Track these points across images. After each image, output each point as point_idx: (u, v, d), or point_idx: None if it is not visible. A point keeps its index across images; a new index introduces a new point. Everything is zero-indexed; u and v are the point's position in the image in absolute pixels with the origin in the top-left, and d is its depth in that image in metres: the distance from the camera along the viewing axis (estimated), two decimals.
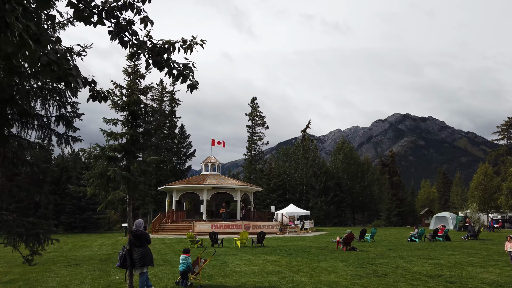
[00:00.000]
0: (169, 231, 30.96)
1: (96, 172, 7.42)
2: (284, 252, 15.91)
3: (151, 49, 3.52)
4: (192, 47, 3.65)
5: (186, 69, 3.45)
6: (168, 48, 3.56)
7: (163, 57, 3.48)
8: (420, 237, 21.25)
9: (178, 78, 3.52)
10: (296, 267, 11.69)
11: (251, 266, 11.81)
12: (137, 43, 3.43)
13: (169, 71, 3.50)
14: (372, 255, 15.01)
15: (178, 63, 3.51)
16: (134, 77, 8.20)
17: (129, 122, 8.09)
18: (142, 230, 7.68)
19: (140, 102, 8.15)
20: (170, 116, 51.37)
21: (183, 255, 8.43)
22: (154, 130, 8.06)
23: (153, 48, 3.53)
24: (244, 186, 35.49)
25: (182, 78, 3.46)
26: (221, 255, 14.94)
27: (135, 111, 8.05)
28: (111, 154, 7.83)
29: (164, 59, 3.51)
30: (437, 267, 11.64)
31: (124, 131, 8.03)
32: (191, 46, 3.63)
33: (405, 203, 58.62)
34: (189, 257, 8.42)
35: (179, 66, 3.51)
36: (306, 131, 62.77)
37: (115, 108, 8.01)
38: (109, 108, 7.98)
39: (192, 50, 3.67)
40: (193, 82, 3.48)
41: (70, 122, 6.30)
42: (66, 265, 12.37)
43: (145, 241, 7.63)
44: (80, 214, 40.12)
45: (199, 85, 3.55)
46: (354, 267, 11.71)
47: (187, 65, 3.48)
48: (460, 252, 15.78)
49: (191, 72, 3.46)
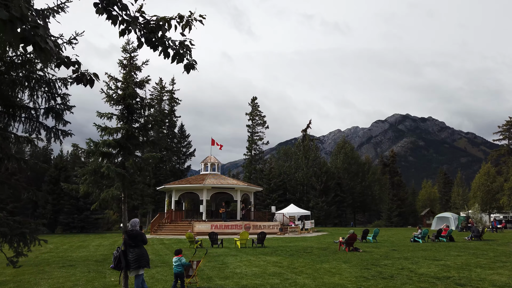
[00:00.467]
0: (168, 232, 30.56)
1: (89, 169, 7.03)
2: (286, 253, 15.52)
3: (144, 26, 3.13)
4: (190, 24, 3.26)
5: (183, 47, 3.07)
6: (163, 25, 3.17)
7: (157, 35, 3.09)
8: (424, 238, 20.88)
9: (174, 58, 3.13)
10: (298, 268, 11.30)
11: (251, 267, 11.43)
12: (128, 18, 3.04)
13: (164, 50, 3.11)
14: (376, 256, 14.62)
15: (174, 41, 3.12)
16: (129, 69, 7.80)
17: (125, 116, 7.69)
18: (138, 230, 7.29)
19: (136, 96, 7.75)
20: (169, 116, 50.99)
21: (176, 256, 8.03)
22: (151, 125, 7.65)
23: (146, 25, 3.14)
24: (244, 186, 35.10)
25: (178, 58, 3.07)
26: (221, 256, 14.55)
27: (131, 105, 7.66)
28: (106, 150, 7.43)
29: (158, 36, 3.13)
30: (444, 269, 11.25)
31: (119, 126, 7.63)
32: (189, 23, 3.24)
33: (406, 203, 58.24)
34: (183, 258, 8.01)
35: (174, 44, 3.12)
36: (306, 131, 62.40)
37: (110, 102, 7.62)
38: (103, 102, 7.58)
39: (191, 28, 3.27)
40: (190, 61, 3.09)
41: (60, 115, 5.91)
42: (61, 266, 11.97)
43: (141, 242, 7.23)
44: (78, 214, 39.71)
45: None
46: (358, 268, 11.32)
47: (183, 42, 3.09)
48: (466, 253, 15.39)
49: (188, 50, 3.07)
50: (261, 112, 59.38)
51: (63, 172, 42.47)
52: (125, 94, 7.53)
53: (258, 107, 59.35)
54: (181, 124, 52.79)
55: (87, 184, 6.97)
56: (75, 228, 40.06)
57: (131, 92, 7.56)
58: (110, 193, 6.62)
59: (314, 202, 55.28)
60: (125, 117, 7.75)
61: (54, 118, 5.91)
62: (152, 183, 47.29)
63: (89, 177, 7.10)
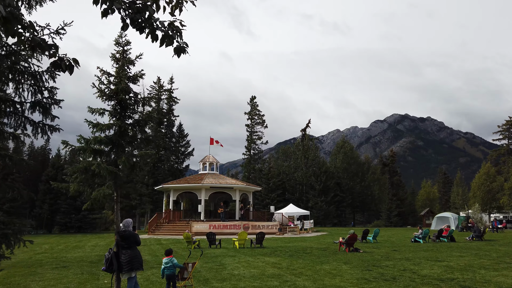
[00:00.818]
0: (166, 232, 30.24)
1: (80, 167, 6.71)
2: (285, 254, 15.23)
3: (129, 6, 2.82)
4: (181, 6, 2.95)
5: (172, 29, 2.76)
6: (151, 6, 2.87)
7: (143, 15, 2.79)
8: (424, 238, 20.62)
9: (163, 41, 2.82)
10: (298, 270, 11.01)
11: (250, 268, 11.13)
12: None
13: (151, 31, 2.81)
14: (377, 256, 14.35)
15: (162, 22, 2.81)
16: (122, 63, 7.49)
17: (117, 112, 7.37)
18: (131, 230, 6.99)
19: (129, 91, 7.43)
20: (168, 115, 50.62)
21: (166, 257, 7.71)
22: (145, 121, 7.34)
23: (132, 5, 2.83)
24: (243, 186, 34.80)
25: (167, 40, 2.77)
26: (219, 256, 14.25)
27: (124, 100, 7.34)
28: (97, 148, 7.11)
29: (145, 17, 2.82)
30: (448, 270, 10.98)
31: (111, 122, 7.31)
32: (179, 3, 2.93)
33: (405, 203, 57.98)
34: (174, 258, 7.69)
35: (163, 26, 2.81)
36: (306, 130, 62.11)
37: (102, 97, 7.30)
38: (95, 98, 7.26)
39: (181, 10, 2.97)
40: (181, 44, 2.78)
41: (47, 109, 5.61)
42: (54, 268, 11.65)
43: (134, 243, 6.93)
44: (76, 214, 39.32)
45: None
46: (359, 270, 11.04)
47: (173, 23, 2.79)
48: (468, 254, 15.13)
49: (178, 32, 2.77)
50: (260, 111, 59.11)
51: (60, 172, 42.03)
52: (118, 89, 7.22)
53: (257, 106, 59.05)
54: (180, 123, 52.46)
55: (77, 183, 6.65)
56: (72, 228, 39.68)
57: (124, 87, 7.25)
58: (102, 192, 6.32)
59: (313, 202, 55.01)
60: (117, 113, 7.44)
61: (41, 112, 5.62)
62: (150, 182, 46.98)
63: (79, 176, 6.79)
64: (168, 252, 8.03)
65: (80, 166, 6.74)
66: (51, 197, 40.24)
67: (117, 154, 7.22)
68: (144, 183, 47.63)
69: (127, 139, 7.24)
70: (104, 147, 7.34)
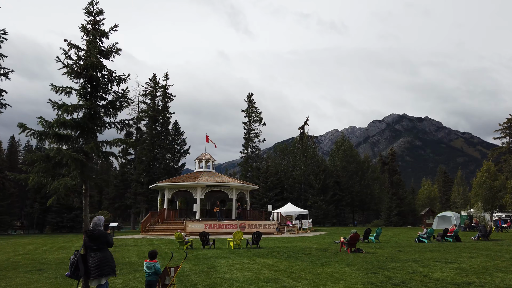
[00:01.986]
0: (160, 231, 29.19)
1: (40, 155, 5.66)
2: (283, 255, 14.22)
3: None
4: None
5: None
6: None
7: None
8: (429, 238, 19.68)
9: None
10: (296, 273, 10.00)
11: (244, 271, 10.11)
12: None
13: None
14: (381, 258, 13.35)
15: None
16: (94, 34, 6.43)
17: (87, 92, 6.30)
18: (101, 229, 5.96)
19: (101, 67, 6.37)
20: (163, 112, 49.51)
21: (149, 261, 6.69)
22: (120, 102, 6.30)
23: None
24: (240, 184, 33.79)
25: None
26: (211, 258, 13.21)
27: (95, 78, 6.28)
28: (63, 132, 6.04)
29: None
30: (461, 273, 9.99)
31: (80, 103, 6.24)
32: None
33: (405, 203, 57.13)
34: (157, 263, 6.69)
35: None
36: (304, 128, 61.11)
37: (70, 74, 6.25)
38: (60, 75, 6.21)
39: None
40: None
41: None
42: (28, 271, 10.59)
43: (105, 244, 5.90)
44: (67, 213, 38.23)
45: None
46: (364, 272, 10.03)
47: None
48: (479, 255, 14.16)
49: None
50: (258, 109, 58.05)
51: None
52: (87, 63, 6.15)
53: (254, 104, 58.00)
54: (175, 121, 51.35)
55: (36, 173, 5.59)
56: (64, 227, 38.57)
57: (95, 62, 6.20)
58: (62, 183, 5.28)
59: (312, 201, 54.02)
60: (88, 93, 6.36)
61: None
62: (145, 181, 45.87)
63: (39, 164, 5.72)
64: (152, 254, 7.00)
65: (40, 154, 5.70)
66: (42, 195, 39.05)
67: (87, 140, 6.16)
68: (139, 181, 46.54)
69: (98, 123, 6.18)
70: (71, 132, 6.26)
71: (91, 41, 6.31)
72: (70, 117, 6.02)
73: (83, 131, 6.12)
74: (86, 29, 6.43)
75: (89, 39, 6.39)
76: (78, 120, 5.98)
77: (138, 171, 46.81)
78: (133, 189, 46.67)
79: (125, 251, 16.48)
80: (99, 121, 6.18)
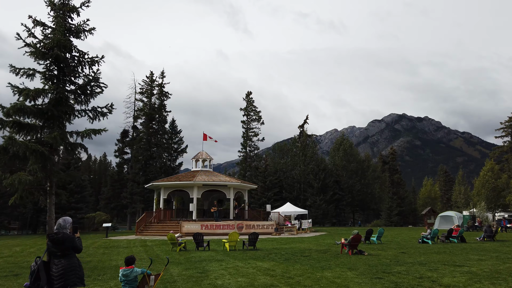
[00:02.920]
0: (155, 232, 28.38)
1: None
2: (280, 257, 13.41)
3: None
4: None
5: None
6: None
7: None
8: (433, 239, 18.89)
9: None
10: (294, 278, 9.19)
11: (237, 276, 9.30)
12: None
13: None
14: (385, 260, 12.56)
15: None
16: (62, 9, 5.59)
17: (54, 75, 5.48)
18: (67, 232, 5.15)
19: (70, 47, 5.55)
20: (160, 110, 48.67)
21: (125, 268, 5.89)
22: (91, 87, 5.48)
23: None
24: (238, 183, 33.00)
25: None
26: (204, 261, 12.40)
27: (62, 59, 5.46)
28: (25, 121, 5.22)
29: None
30: (473, 278, 9.19)
31: (45, 88, 5.42)
32: None
33: (405, 202, 56.34)
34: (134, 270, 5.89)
35: None
36: (303, 127, 60.28)
37: (34, 54, 5.43)
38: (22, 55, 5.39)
39: None
40: None
41: None
42: (3, 276, 9.77)
43: (71, 249, 5.09)
44: (61, 214, 37.30)
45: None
46: (368, 277, 9.23)
47: None
48: (488, 257, 13.37)
49: None
50: (256, 107, 57.25)
51: None
52: (53, 42, 5.34)
53: (253, 102, 57.19)
54: (172, 119, 50.51)
55: None
56: None
57: (62, 40, 5.38)
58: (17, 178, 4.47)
59: (311, 201, 53.21)
60: (54, 76, 5.53)
61: None
62: (142, 180, 45.03)
63: None
64: (129, 261, 6.19)
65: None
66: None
67: (53, 129, 5.33)
68: (135, 181, 45.71)
69: (66, 110, 5.36)
70: (35, 120, 5.44)
71: (58, 17, 5.49)
72: (32, 104, 5.21)
73: (49, 120, 5.31)
74: (53, 3, 5.61)
75: (56, 15, 5.57)
76: (42, 107, 5.17)
77: (135, 171, 45.98)
78: (129, 188, 45.84)
79: (114, 253, 15.67)
80: (68, 108, 5.38)
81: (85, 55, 5.73)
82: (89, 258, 13.77)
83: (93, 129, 5.91)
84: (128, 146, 48.99)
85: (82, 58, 5.63)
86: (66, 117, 5.37)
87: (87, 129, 5.93)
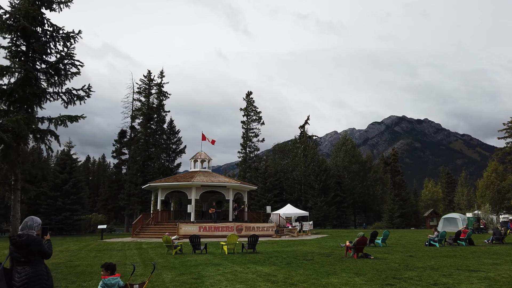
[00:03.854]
0: (152, 234, 27.56)
1: None
2: (282, 261, 12.62)
3: None
4: None
5: None
6: None
7: None
8: (441, 241, 18.10)
9: None
10: (298, 284, 8.40)
11: (235, 283, 8.51)
12: None
13: None
14: (393, 264, 11.77)
15: None
16: None
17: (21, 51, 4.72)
18: (32, 234, 4.37)
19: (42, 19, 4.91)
20: (158, 110, 47.94)
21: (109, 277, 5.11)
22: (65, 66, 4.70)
23: None
24: (237, 184, 32.20)
25: None
26: (200, 265, 11.60)
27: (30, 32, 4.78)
28: None
29: None
30: (493, 285, 8.40)
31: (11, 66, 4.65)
32: None
33: (407, 204, 55.51)
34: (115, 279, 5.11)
35: None
36: (304, 127, 59.54)
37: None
38: None
39: None
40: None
41: None
42: None
43: (37, 255, 4.32)
44: (56, 215, 36.52)
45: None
46: (378, 284, 8.45)
47: None
48: (502, 261, 12.59)
49: None
50: (256, 107, 56.55)
51: None
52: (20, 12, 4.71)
53: (253, 102, 56.49)
54: (171, 119, 49.75)
55: None
56: (53, 230, 36.79)
57: (30, 10, 4.89)
58: None
59: (312, 202, 52.39)
60: (22, 53, 4.77)
61: None
62: (139, 181, 44.21)
63: None
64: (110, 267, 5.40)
65: None
66: (29, 196, 37.32)
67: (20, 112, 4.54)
68: (133, 182, 44.90)
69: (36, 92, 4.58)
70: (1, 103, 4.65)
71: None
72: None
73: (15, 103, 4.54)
74: None
75: None
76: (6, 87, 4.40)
77: (132, 171, 45.18)
78: (126, 190, 45.02)
79: (106, 256, 14.87)
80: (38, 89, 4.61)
81: (59, 30, 4.99)
82: (78, 262, 12.97)
83: (69, 115, 5.11)
84: (126, 147, 48.25)
85: (55, 33, 4.88)
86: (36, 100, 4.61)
87: (62, 115, 5.14)
